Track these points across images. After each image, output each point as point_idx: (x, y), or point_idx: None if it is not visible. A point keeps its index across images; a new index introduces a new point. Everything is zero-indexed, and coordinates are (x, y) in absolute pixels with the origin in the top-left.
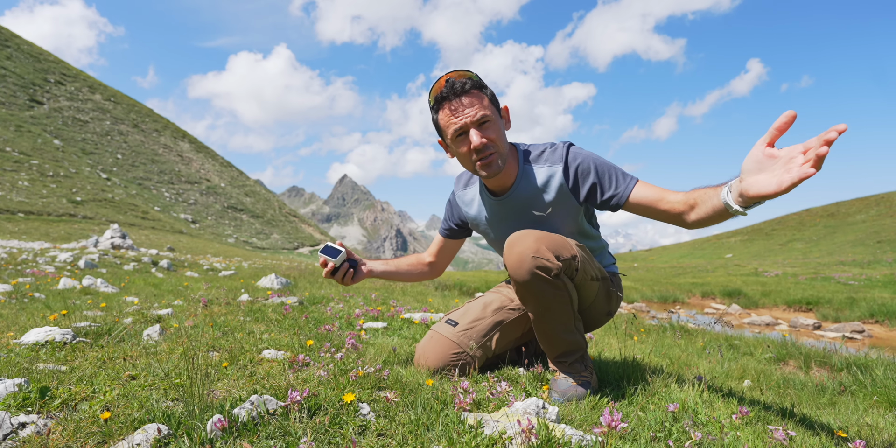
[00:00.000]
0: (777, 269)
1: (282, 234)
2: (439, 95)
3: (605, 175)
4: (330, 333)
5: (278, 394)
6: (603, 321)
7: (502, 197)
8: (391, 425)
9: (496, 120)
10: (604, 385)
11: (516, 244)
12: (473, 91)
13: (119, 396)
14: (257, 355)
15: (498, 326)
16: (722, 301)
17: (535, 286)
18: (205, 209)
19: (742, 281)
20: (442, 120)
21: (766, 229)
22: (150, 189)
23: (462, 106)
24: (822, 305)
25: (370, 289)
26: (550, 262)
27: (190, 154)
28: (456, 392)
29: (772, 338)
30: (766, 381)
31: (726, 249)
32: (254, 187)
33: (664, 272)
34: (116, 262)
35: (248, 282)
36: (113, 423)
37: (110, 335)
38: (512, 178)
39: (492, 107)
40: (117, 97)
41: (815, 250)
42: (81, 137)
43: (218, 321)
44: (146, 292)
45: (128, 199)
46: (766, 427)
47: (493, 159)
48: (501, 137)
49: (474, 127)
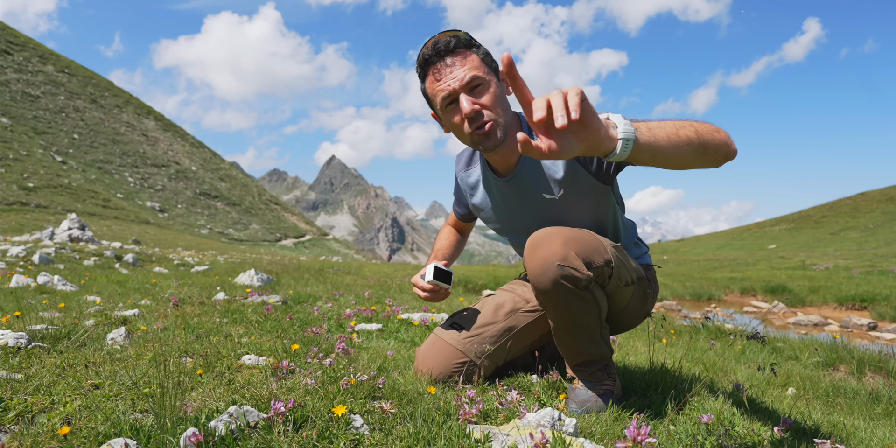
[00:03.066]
0: (827, 262)
1: (262, 224)
2: (421, 59)
3: None
4: (318, 336)
5: (260, 405)
6: (637, 323)
7: (507, 178)
8: (387, 439)
9: (492, 82)
10: (628, 394)
11: (540, 247)
12: (460, 50)
13: (81, 408)
14: (236, 361)
15: (510, 332)
16: (764, 298)
17: (558, 297)
18: (174, 196)
19: (787, 275)
20: (429, 88)
21: (815, 216)
22: (112, 173)
23: (448, 68)
24: (878, 303)
25: (362, 286)
26: (579, 273)
27: (156, 133)
28: (460, 402)
29: (820, 340)
30: (813, 389)
31: (769, 239)
32: (229, 171)
33: (698, 266)
34: (75, 257)
35: (224, 278)
36: (74, 437)
37: (70, 339)
38: (517, 154)
39: (485, 67)
40: (72, 68)
41: (872, 240)
42: (32, 115)
43: (191, 323)
44: (109, 291)
45: (87, 186)
46: (812, 441)
47: (491, 129)
48: (499, 103)
49: (464, 91)
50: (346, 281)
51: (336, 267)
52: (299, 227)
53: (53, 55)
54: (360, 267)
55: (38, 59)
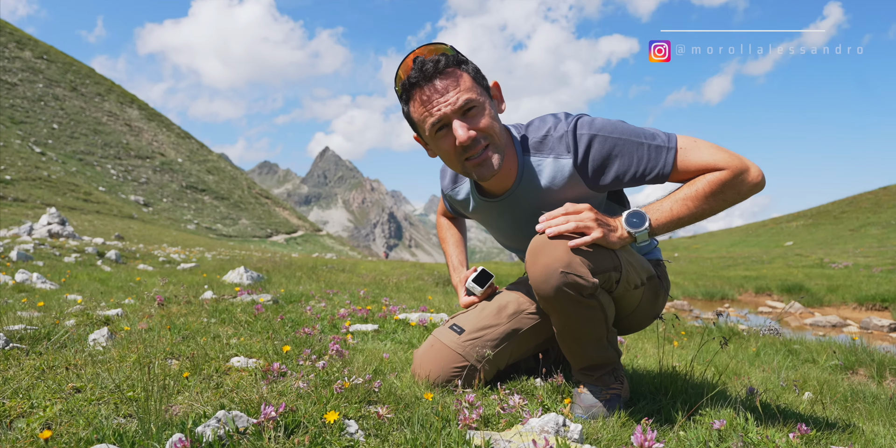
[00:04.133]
0: (847, 260)
1: (252, 220)
2: (406, 82)
3: (632, 156)
4: (310, 338)
5: (249, 409)
6: (645, 324)
7: (501, 198)
8: (383, 446)
9: (485, 103)
10: (637, 398)
11: (542, 252)
12: (449, 70)
13: (62, 412)
14: (224, 364)
15: (513, 335)
16: (780, 298)
17: (561, 304)
18: (159, 189)
19: (804, 274)
20: (415, 112)
21: (833, 211)
22: (94, 165)
23: (437, 92)
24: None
25: (357, 284)
26: (584, 280)
27: (140, 123)
28: (460, 407)
29: (838, 342)
30: (831, 394)
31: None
32: (217, 163)
33: (711, 263)
34: (55, 254)
35: (212, 276)
36: (55, 443)
37: (50, 340)
38: (513, 175)
39: (477, 87)
40: (51, 54)
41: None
42: (9, 103)
43: (177, 323)
44: (91, 289)
45: (67, 178)
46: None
47: (488, 156)
48: (495, 124)
49: (457, 117)
50: (341, 279)
51: (330, 264)
52: (291, 223)
53: (31, 40)
54: (355, 264)
55: (16, 44)
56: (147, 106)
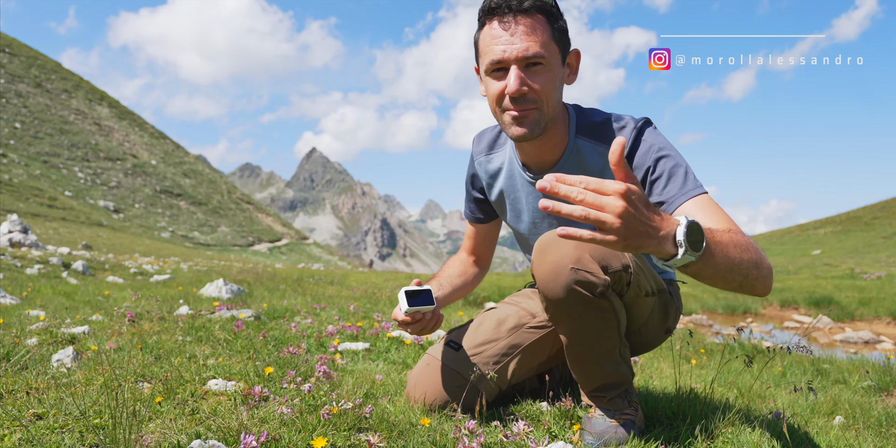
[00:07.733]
0: (879, 270)
1: (232, 227)
2: (489, 4)
3: (671, 174)
4: (295, 358)
5: (228, 438)
6: (657, 342)
7: (539, 177)
8: None
9: (554, 66)
10: (652, 424)
11: (550, 249)
12: (538, 15)
13: (21, 441)
14: (201, 387)
15: (515, 351)
16: (807, 312)
17: (572, 306)
18: (131, 194)
19: (833, 285)
20: (483, 39)
21: (865, 217)
22: (59, 168)
23: (513, 29)
24: None
25: (347, 298)
26: (595, 277)
27: (110, 122)
28: (459, 434)
29: (872, 360)
30: (865, 418)
31: (813, 244)
32: (194, 165)
33: None
34: (16, 265)
35: (188, 289)
36: None
37: (9, 361)
38: (557, 151)
39: (553, 46)
40: (14, 47)
41: None
42: None
43: (149, 342)
44: (56, 304)
45: (30, 182)
46: None
47: (530, 116)
48: (552, 91)
49: (519, 65)
50: (329, 292)
51: (317, 276)
52: (275, 230)
53: None
54: (345, 276)
55: None
56: (118, 103)
